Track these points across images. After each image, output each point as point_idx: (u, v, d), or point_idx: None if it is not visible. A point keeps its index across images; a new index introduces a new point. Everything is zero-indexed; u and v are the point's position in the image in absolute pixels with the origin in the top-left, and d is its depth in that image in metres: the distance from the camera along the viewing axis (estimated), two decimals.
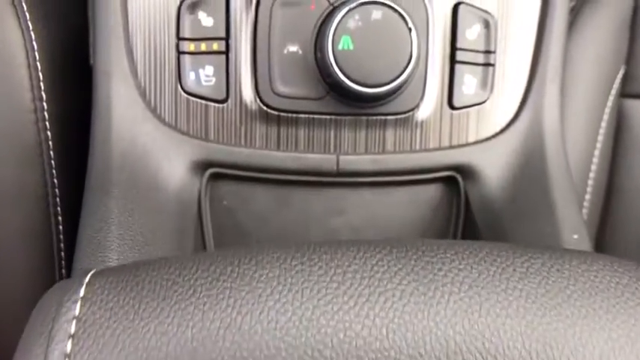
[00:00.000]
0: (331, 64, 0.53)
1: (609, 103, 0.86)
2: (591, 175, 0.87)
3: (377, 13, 0.52)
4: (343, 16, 0.52)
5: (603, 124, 0.86)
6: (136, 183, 0.54)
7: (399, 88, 0.55)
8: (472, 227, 0.61)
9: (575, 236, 0.53)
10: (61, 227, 0.65)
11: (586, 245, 0.54)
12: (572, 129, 0.79)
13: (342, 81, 0.53)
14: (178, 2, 0.56)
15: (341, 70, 0.53)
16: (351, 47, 0.53)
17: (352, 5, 0.52)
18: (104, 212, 0.50)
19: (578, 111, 0.82)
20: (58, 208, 0.64)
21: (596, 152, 0.87)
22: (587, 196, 0.87)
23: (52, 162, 0.63)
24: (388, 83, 0.53)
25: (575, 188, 0.60)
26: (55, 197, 0.64)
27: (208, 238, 0.60)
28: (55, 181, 0.64)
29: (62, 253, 0.66)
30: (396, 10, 0.53)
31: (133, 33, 0.56)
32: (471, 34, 0.59)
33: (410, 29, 0.53)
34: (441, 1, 0.58)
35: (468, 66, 0.59)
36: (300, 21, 0.55)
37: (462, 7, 0.58)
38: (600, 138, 0.86)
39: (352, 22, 0.52)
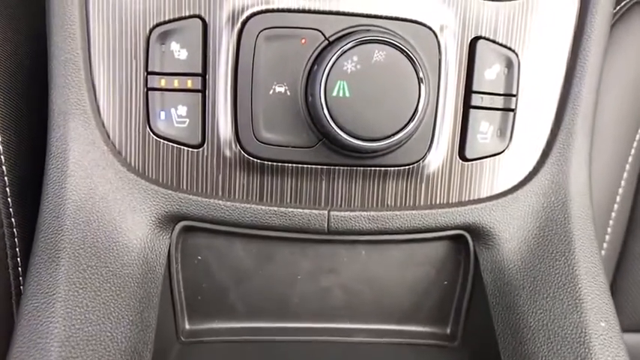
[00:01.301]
0: (323, 112, 0.45)
1: (638, 137, 0.78)
2: (613, 214, 0.79)
3: (379, 54, 0.44)
4: (339, 57, 0.44)
5: (630, 159, 0.78)
6: (93, 243, 0.46)
7: (402, 142, 0.46)
8: (480, 296, 0.53)
9: (603, 324, 0.46)
10: (19, 260, 0.59)
11: (615, 334, 0.46)
12: (596, 162, 0.71)
13: (336, 132, 0.45)
14: (148, 30, 0.47)
15: (334, 120, 0.45)
16: (347, 94, 0.44)
17: (350, 43, 0.44)
18: (50, 285, 0.43)
19: (604, 144, 0.73)
20: (16, 243, 0.57)
21: (620, 190, 0.79)
22: (607, 237, 0.80)
23: (8, 199, 0.56)
24: (389, 137, 0.45)
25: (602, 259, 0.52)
26: (12, 237, 0.57)
27: (179, 301, 0.53)
28: (12, 216, 0.57)
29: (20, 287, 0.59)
30: (402, 50, 0.44)
31: (96, 65, 0.48)
32: (490, 74, 0.50)
33: (418, 74, 0.44)
34: (457, 35, 0.49)
35: (484, 111, 0.51)
36: (289, 57, 0.46)
37: (480, 44, 0.50)
38: (626, 175, 0.78)
39: (350, 65, 0.44)
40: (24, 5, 0.59)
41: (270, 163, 0.49)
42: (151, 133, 0.49)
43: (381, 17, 0.48)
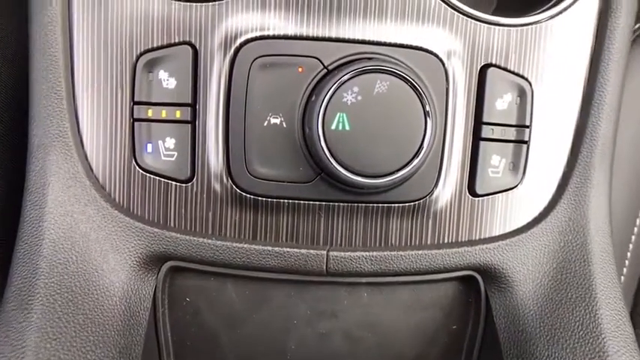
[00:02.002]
0: (321, 146, 0.41)
1: None
2: (631, 246, 0.75)
3: (382, 84, 0.41)
4: (338, 88, 0.41)
5: None
6: (70, 288, 0.43)
7: (406, 179, 0.43)
8: (492, 344, 0.49)
9: None
10: None
11: None
12: (614, 188, 0.67)
13: (334, 168, 0.41)
14: (134, 58, 0.44)
15: (333, 155, 0.41)
16: (347, 127, 0.41)
17: (351, 73, 0.41)
18: (19, 337, 0.39)
19: (621, 167, 0.69)
20: None
21: (638, 221, 0.75)
22: (625, 269, 0.75)
23: None
24: (391, 174, 0.42)
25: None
26: None
27: (165, 348, 0.49)
28: None
29: None
30: (407, 80, 0.41)
31: (79, 94, 0.45)
32: (502, 104, 0.47)
33: (425, 107, 0.41)
34: (465, 63, 0.46)
35: (495, 144, 0.47)
36: (285, 87, 0.43)
37: (491, 72, 0.46)
38: None
39: (350, 96, 0.41)
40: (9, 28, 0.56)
41: (264, 199, 0.45)
42: (137, 167, 0.45)
43: (383, 44, 0.45)
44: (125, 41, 0.44)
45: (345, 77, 0.40)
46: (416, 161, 0.42)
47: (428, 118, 0.41)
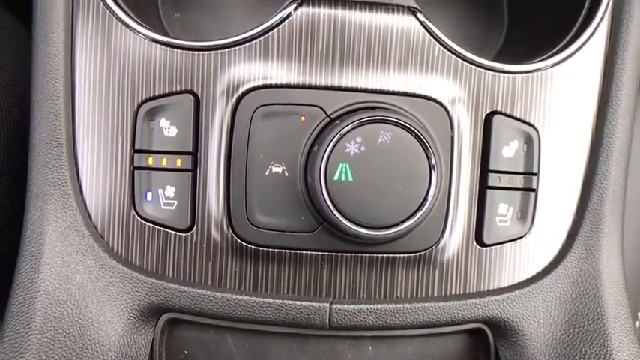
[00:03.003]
0: (323, 197, 0.40)
1: None
2: None
3: (385, 135, 0.40)
4: (341, 138, 0.40)
5: None
6: (64, 343, 0.41)
7: (410, 230, 0.42)
8: None
9: None
10: None
11: None
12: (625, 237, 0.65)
13: (337, 219, 0.40)
14: (136, 106, 0.44)
15: (336, 206, 0.40)
16: (350, 178, 0.40)
17: (353, 123, 0.40)
18: None
19: (633, 219, 0.68)
20: None
21: None
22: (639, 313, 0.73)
23: None
24: (395, 226, 0.41)
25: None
26: None
27: None
28: None
29: None
30: (410, 131, 0.40)
31: (80, 141, 0.45)
32: (508, 151, 0.46)
33: (430, 160, 0.40)
34: (470, 110, 0.45)
35: (502, 192, 0.46)
36: (288, 136, 0.43)
37: (497, 119, 0.45)
38: None
39: (353, 146, 0.40)
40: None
41: (265, 249, 0.44)
42: (136, 216, 0.44)
43: (386, 92, 0.44)
44: (127, 89, 0.44)
45: (348, 128, 0.40)
46: (420, 213, 0.40)
47: (433, 171, 0.40)
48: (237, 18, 0.59)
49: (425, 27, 0.44)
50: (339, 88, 0.44)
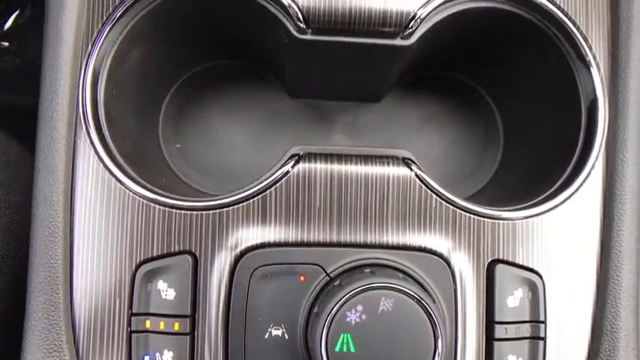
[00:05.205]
0: None
1: None
2: None
3: (386, 301, 0.39)
4: (341, 307, 0.39)
5: None
6: None
7: None
8: None
9: None
10: None
11: None
12: None
13: None
14: (134, 267, 0.44)
15: None
16: (352, 349, 0.39)
17: (354, 291, 0.39)
18: None
19: None
20: None
21: None
22: None
23: None
24: None
25: None
26: None
27: None
28: None
29: None
30: (412, 297, 0.40)
31: (77, 304, 0.44)
32: (513, 301, 0.45)
33: (435, 330, 0.39)
34: (471, 260, 0.45)
35: (510, 343, 0.45)
36: (287, 297, 0.42)
37: (499, 268, 0.45)
38: None
39: (353, 315, 0.39)
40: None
41: None
42: None
43: (385, 246, 0.44)
44: (125, 250, 0.44)
45: (347, 296, 0.39)
46: None
47: (438, 341, 0.39)
48: (237, 148, 0.59)
49: (420, 179, 0.45)
50: (338, 244, 0.44)
